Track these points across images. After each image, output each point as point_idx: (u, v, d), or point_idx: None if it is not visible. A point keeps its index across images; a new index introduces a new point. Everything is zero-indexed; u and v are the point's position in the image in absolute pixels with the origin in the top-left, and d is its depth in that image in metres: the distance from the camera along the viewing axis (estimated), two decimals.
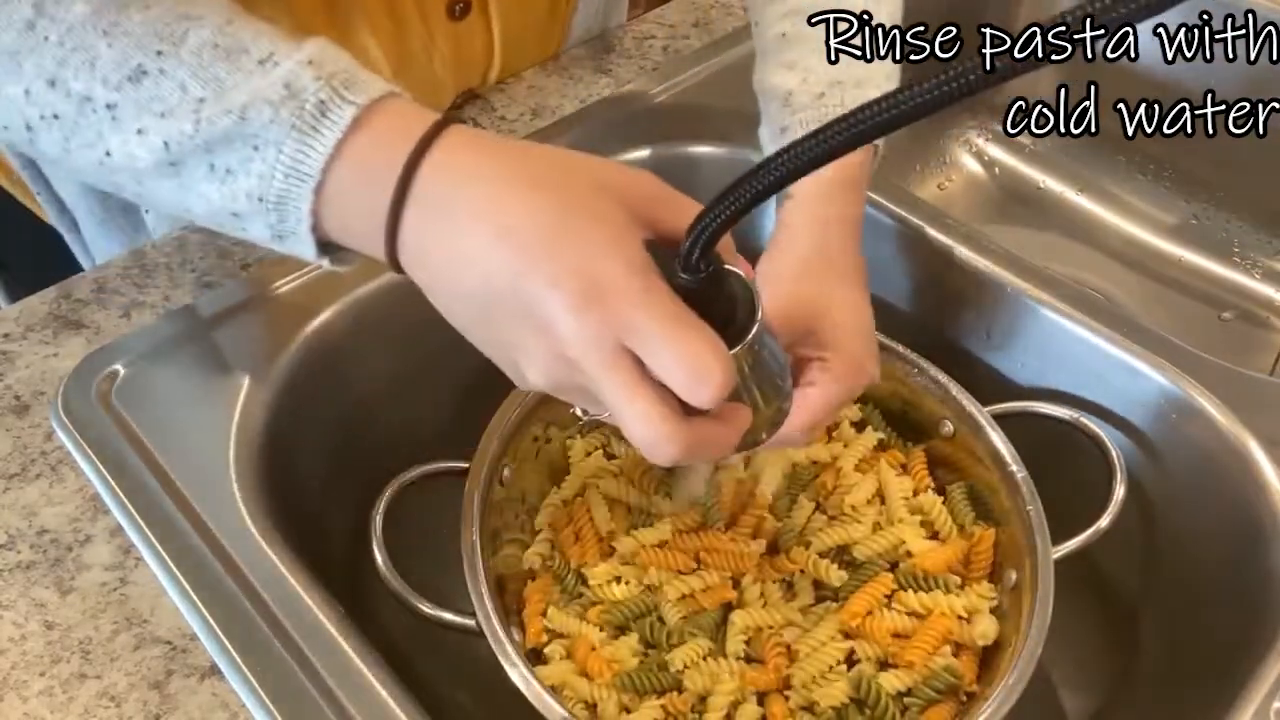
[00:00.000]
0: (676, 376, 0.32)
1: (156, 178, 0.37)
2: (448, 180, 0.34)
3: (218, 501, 0.50)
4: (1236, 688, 0.47)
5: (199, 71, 0.35)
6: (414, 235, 0.35)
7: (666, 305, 0.33)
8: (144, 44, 0.36)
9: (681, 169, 0.71)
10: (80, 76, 0.36)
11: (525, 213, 0.33)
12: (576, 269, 0.33)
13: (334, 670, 0.44)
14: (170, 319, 0.58)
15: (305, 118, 0.35)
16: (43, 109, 0.37)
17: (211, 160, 0.36)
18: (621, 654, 0.52)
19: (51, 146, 0.38)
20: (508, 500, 0.56)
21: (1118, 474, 0.54)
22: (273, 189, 0.35)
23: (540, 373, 0.34)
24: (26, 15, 0.36)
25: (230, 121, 0.35)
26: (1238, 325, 0.88)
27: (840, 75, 0.53)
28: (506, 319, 0.34)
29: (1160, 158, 0.93)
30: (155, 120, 0.36)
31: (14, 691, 0.45)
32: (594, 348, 0.33)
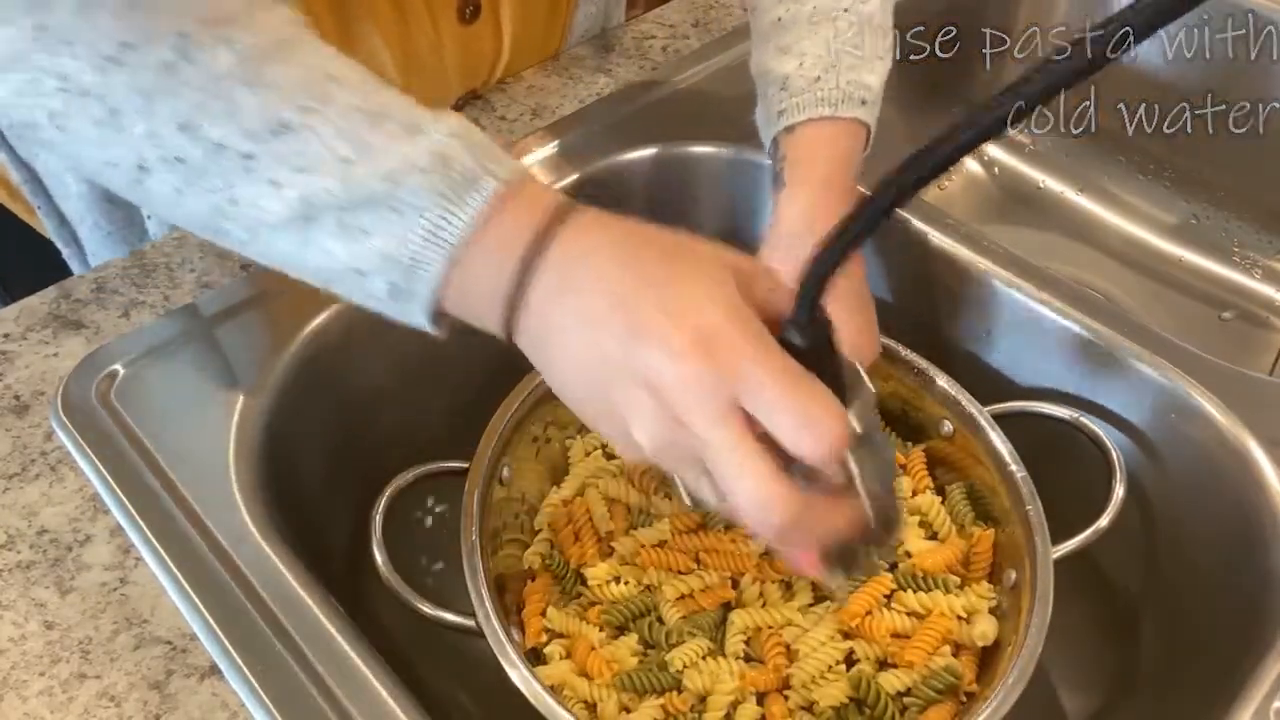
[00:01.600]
0: (790, 428, 0.33)
1: (278, 230, 0.37)
2: (572, 257, 0.36)
3: (218, 501, 0.50)
4: (1236, 688, 0.47)
5: (346, 132, 0.36)
6: (536, 306, 0.36)
7: (779, 358, 0.34)
8: (290, 99, 0.36)
9: (682, 169, 0.71)
10: (218, 124, 0.36)
11: (640, 281, 0.35)
12: (688, 323, 0.34)
13: (334, 670, 0.44)
14: (170, 319, 0.58)
15: (453, 186, 0.36)
16: (166, 151, 0.37)
17: (345, 219, 0.36)
18: (621, 654, 0.52)
19: (162, 188, 0.38)
20: (507, 500, 0.56)
21: (1117, 474, 0.54)
22: (407, 251, 0.36)
23: (649, 434, 0.35)
24: (167, 58, 0.36)
25: (379, 185, 0.36)
26: (1238, 325, 0.88)
27: (834, 59, 0.54)
28: (618, 382, 0.35)
29: (1160, 158, 0.93)
30: (294, 175, 0.36)
31: (14, 691, 0.45)
32: (706, 400, 0.33)
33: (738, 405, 0.33)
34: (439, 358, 0.64)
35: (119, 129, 0.36)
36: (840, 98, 0.53)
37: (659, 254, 0.36)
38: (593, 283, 0.35)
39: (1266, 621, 0.51)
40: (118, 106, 0.36)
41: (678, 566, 0.55)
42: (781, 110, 0.55)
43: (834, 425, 0.33)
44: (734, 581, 0.55)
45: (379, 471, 0.52)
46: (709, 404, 0.33)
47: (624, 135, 0.71)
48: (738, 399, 0.33)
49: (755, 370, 0.33)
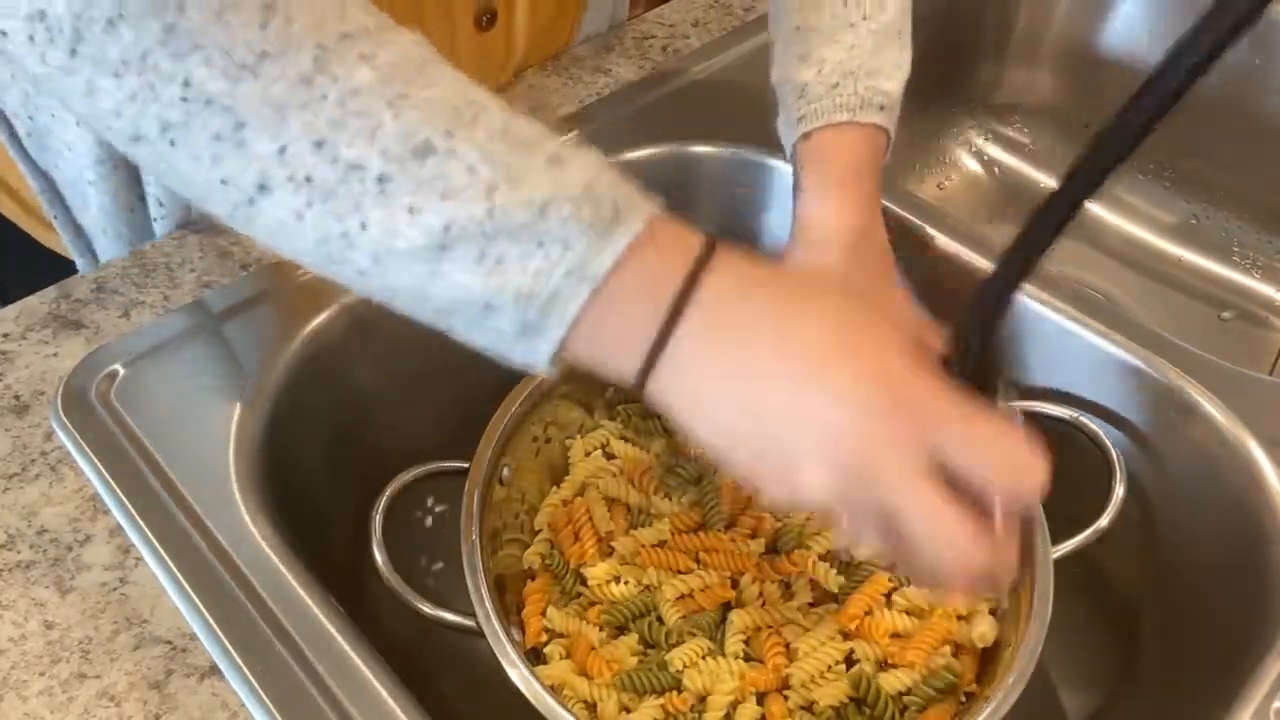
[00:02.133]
0: (999, 472, 0.32)
1: (407, 259, 0.34)
2: (726, 299, 0.35)
3: (218, 501, 0.50)
4: (1236, 687, 0.47)
5: (491, 157, 0.34)
6: (682, 349, 0.34)
7: (969, 402, 0.33)
8: (433, 120, 0.34)
9: (682, 168, 0.71)
10: (356, 143, 0.33)
11: (808, 328, 0.34)
12: (872, 371, 0.33)
13: (334, 670, 0.44)
14: (170, 319, 0.58)
15: (602, 218, 0.34)
16: (294, 170, 0.34)
17: (485, 249, 0.34)
18: (621, 653, 0.52)
19: (280, 211, 0.35)
20: (507, 500, 0.56)
21: (1117, 474, 0.54)
22: (548, 286, 0.34)
23: (827, 483, 0.33)
24: (305, 70, 0.33)
25: (528, 214, 0.33)
26: (1238, 325, 0.88)
27: (853, 65, 0.54)
28: (791, 429, 0.33)
29: (1160, 158, 0.93)
30: (435, 200, 0.33)
31: (14, 691, 0.45)
32: (899, 451, 0.32)
33: (931, 454, 0.33)
34: (439, 358, 0.64)
35: (240, 144, 0.34)
36: (858, 103, 0.54)
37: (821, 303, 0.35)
38: (754, 331, 0.34)
39: (1266, 621, 0.51)
40: (244, 119, 0.33)
41: (677, 566, 0.55)
42: (801, 117, 0.55)
43: (1039, 470, 0.33)
44: (734, 581, 0.55)
45: (379, 471, 0.52)
46: (903, 454, 0.32)
47: (624, 135, 0.71)
48: (932, 445, 0.33)
49: (950, 416, 0.33)
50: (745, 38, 0.80)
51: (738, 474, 0.36)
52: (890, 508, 0.33)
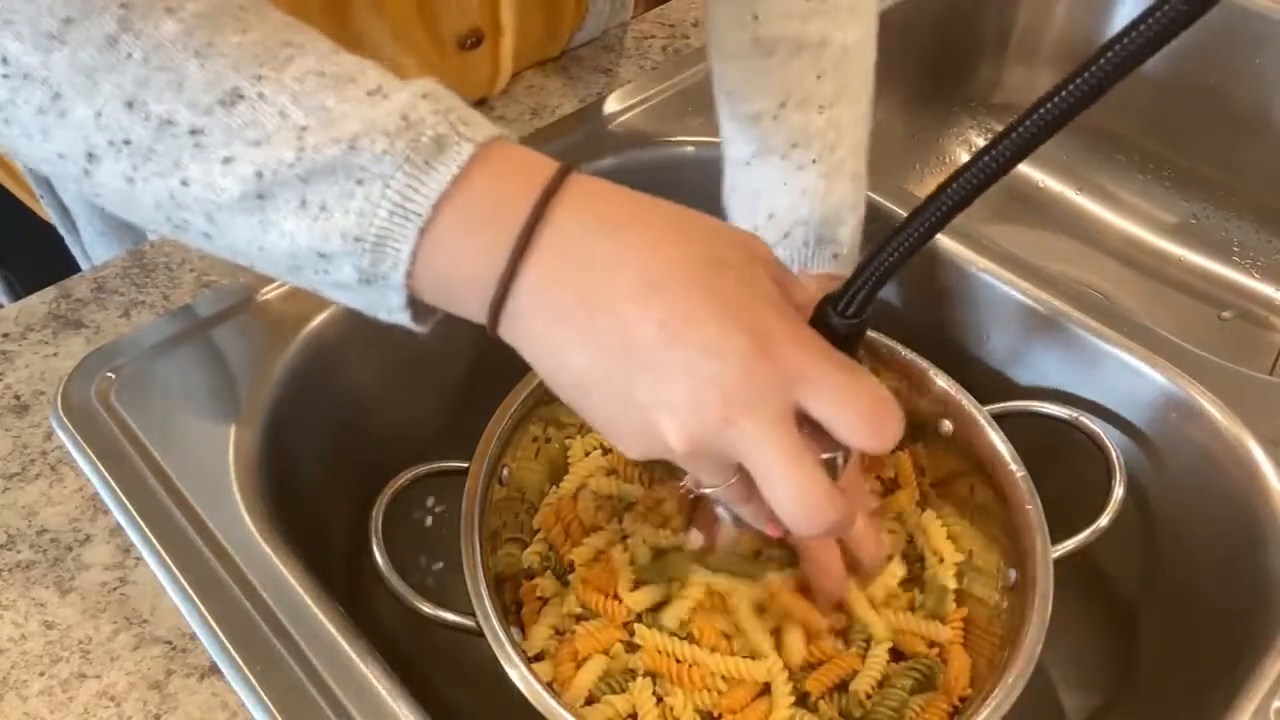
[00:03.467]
0: (854, 423, 0.32)
1: (234, 212, 0.33)
2: (583, 228, 0.32)
3: (218, 501, 0.50)
4: (1236, 687, 0.47)
5: (302, 99, 0.32)
6: (535, 284, 0.32)
7: (834, 355, 0.32)
8: (241, 67, 0.32)
9: (682, 168, 0.71)
10: (164, 98, 0.32)
11: (673, 263, 0.32)
12: (741, 321, 0.32)
13: (334, 670, 0.44)
14: (170, 319, 0.58)
15: (420, 151, 0.32)
16: (113, 134, 0.33)
17: (305, 194, 0.32)
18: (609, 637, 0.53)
19: (113, 178, 0.34)
20: (507, 500, 0.56)
21: (1117, 473, 0.54)
22: (373, 227, 0.32)
23: (684, 433, 0.32)
24: (109, 30, 0.32)
25: (338, 151, 0.32)
26: (1238, 325, 0.88)
27: (803, 213, 0.53)
28: (648, 375, 0.32)
29: (1160, 158, 0.93)
30: (247, 148, 0.32)
31: (14, 691, 0.45)
32: (763, 403, 0.31)
33: (794, 406, 0.32)
34: (439, 357, 0.64)
35: (61, 114, 0.33)
36: (809, 255, 0.53)
37: (684, 236, 0.33)
38: (610, 270, 0.32)
39: (1266, 621, 0.51)
40: (60, 89, 0.33)
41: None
42: None
43: (894, 420, 0.33)
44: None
45: (378, 471, 0.52)
46: (767, 405, 0.32)
47: (624, 135, 0.71)
48: (796, 399, 0.32)
49: (817, 370, 0.32)
50: None
51: (591, 422, 0.35)
52: (744, 456, 0.32)
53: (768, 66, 0.52)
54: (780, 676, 0.51)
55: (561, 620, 0.54)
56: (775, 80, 0.52)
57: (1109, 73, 0.29)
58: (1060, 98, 0.30)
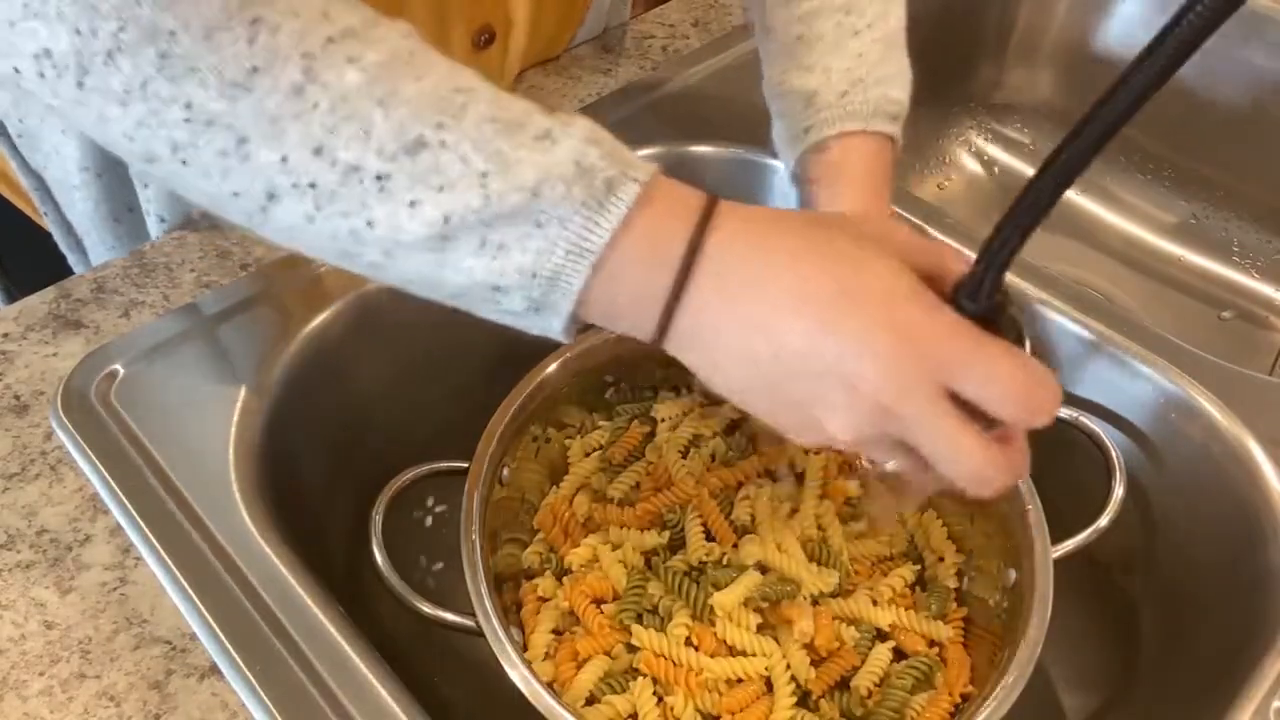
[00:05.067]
0: (1011, 402, 0.34)
1: (415, 250, 0.36)
2: (734, 253, 0.36)
3: (218, 501, 0.50)
4: (1236, 687, 0.47)
5: (481, 145, 0.35)
6: (696, 307, 0.36)
7: (977, 337, 0.34)
8: (422, 115, 0.35)
9: (682, 169, 0.71)
10: (351, 146, 0.34)
11: (814, 277, 0.35)
12: (880, 319, 0.34)
13: (334, 670, 0.44)
14: (170, 319, 0.58)
15: (595, 194, 0.35)
16: (298, 177, 0.35)
17: (486, 235, 0.35)
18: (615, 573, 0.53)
19: (291, 216, 0.36)
20: (507, 500, 0.56)
21: (1117, 473, 0.54)
22: (549, 264, 0.35)
23: (848, 426, 0.35)
24: (295, 80, 0.34)
25: (521, 198, 0.34)
26: (1238, 325, 0.88)
27: (860, 73, 0.53)
28: (805, 380, 0.35)
29: (1160, 157, 0.93)
30: (432, 193, 0.34)
31: (14, 691, 0.45)
32: (915, 391, 0.34)
33: (945, 389, 0.34)
34: (439, 357, 0.64)
35: (245, 158, 0.35)
36: (870, 111, 0.53)
37: (824, 248, 0.36)
38: (762, 281, 0.35)
39: (1266, 621, 0.51)
40: (245, 134, 0.35)
41: (639, 523, 0.56)
42: (809, 126, 0.54)
43: (1048, 393, 0.34)
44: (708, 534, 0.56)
45: (379, 471, 0.52)
46: (919, 394, 0.34)
47: (624, 135, 0.70)
48: (945, 383, 0.34)
49: (959, 353, 0.34)
50: (746, 38, 0.80)
51: (760, 418, 0.37)
52: (912, 440, 0.35)
53: None
54: (781, 674, 0.51)
55: (561, 620, 0.54)
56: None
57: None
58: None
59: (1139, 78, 0.30)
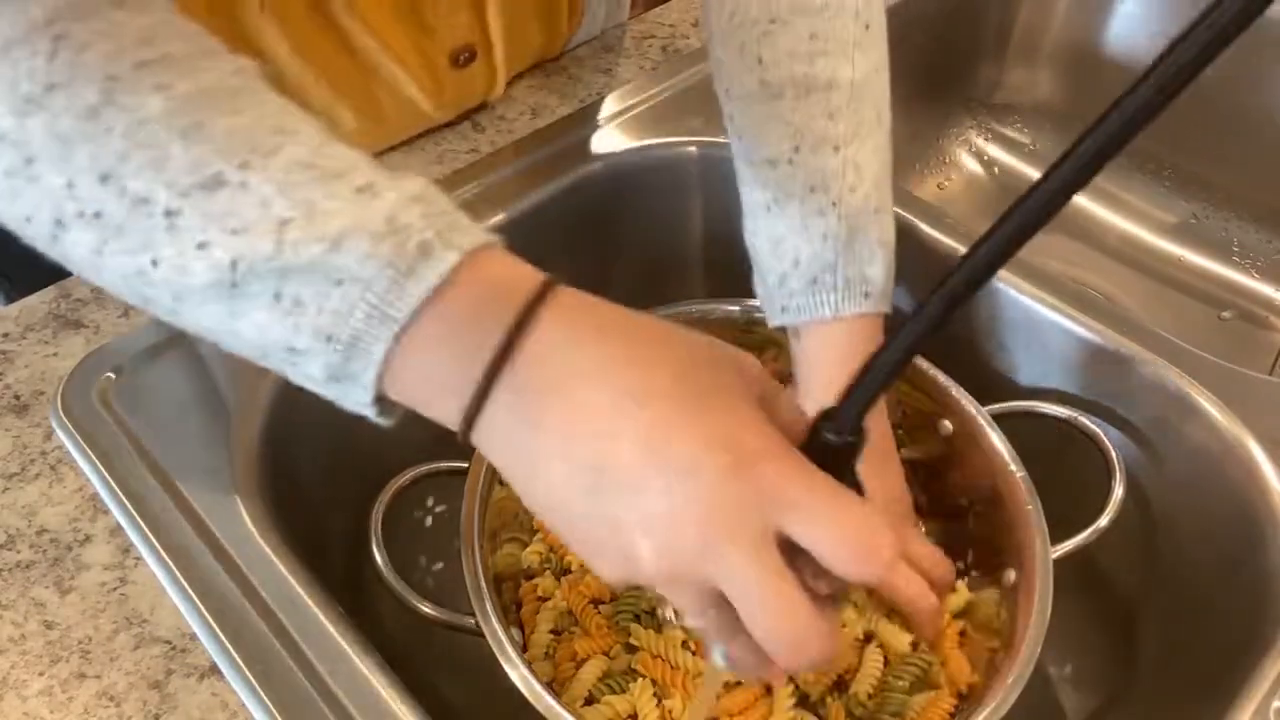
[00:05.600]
0: (844, 552, 0.30)
1: (203, 299, 0.33)
2: (564, 340, 0.31)
3: (217, 501, 0.50)
4: (1236, 687, 0.47)
5: (287, 190, 0.31)
6: (513, 395, 0.31)
7: (819, 478, 0.31)
8: (227, 151, 0.32)
9: (681, 169, 0.71)
10: (142, 175, 0.32)
11: (653, 375, 0.31)
12: (723, 437, 0.30)
13: (334, 670, 0.44)
14: None
15: (405, 257, 0.31)
16: (83, 205, 0.32)
17: (280, 288, 0.32)
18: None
19: (79, 248, 0.34)
20: (507, 500, 0.56)
21: (1116, 473, 0.54)
22: (347, 328, 0.31)
23: (659, 556, 0.30)
24: (91, 101, 0.32)
25: (319, 250, 0.31)
26: (1238, 325, 0.88)
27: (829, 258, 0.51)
28: (625, 492, 0.30)
29: (1160, 157, 0.93)
30: (224, 236, 0.31)
31: (14, 691, 0.45)
32: (743, 526, 0.30)
33: (776, 532, 0.30)
34: None
35: (32, 179, 0.33)
36: (840, 298, 0.51)
37: (667, 350, 0.32)
38: (591, 382, 0.31)
39: (1266, 621, 0.51)
40: (34, 154, 0.32)
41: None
42: (784, 307, 0.53)
43: (888, 548, 0.30)
44: None
45: (378, 471, 0.52)
46: (748, 527, 0.30)
47: (624, 135, 0.71)
48: (777, 522, 0.30)
49: (800, 495, 0.30)
50: None
51: (564, 540, 0.33)
52: (726, 587, 0.30)
53: (778, 110, 0.51)
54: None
55: (561, 620, 0.54)
56: (786, 124, 0.51)
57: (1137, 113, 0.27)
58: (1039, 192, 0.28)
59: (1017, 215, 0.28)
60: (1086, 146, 0.27)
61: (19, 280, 0.68)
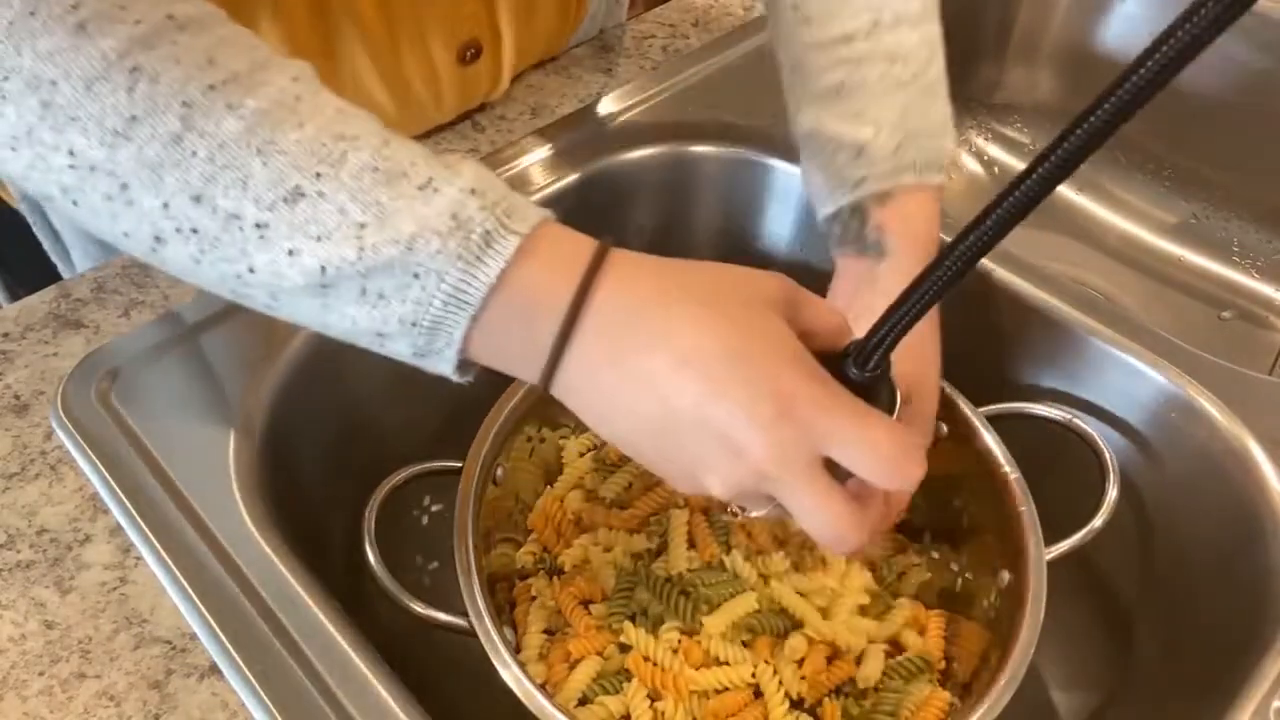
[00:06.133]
0: (879, 472, 0.35)
1: (298, 296, 0.36)
2: (619, 307, 0.36)
3: (217, 501, 0.50)
4: (1236, 687, 0.47)
5: (359, 195, 0.35)
6: (582, 360, 0.36)
7: (854, 406, 0.36)
8: (301, 164, 0.35)
9: (681, 169, 0.71)
10: (230, 194, 0.35)
11: (701, 337, 0.35)
12: (765, 389, 0.35)
13: (334, 670, 0.45)
14: (170, 318, 0.58)
15: (471, 248, 0.35)
16: (180, 223, 0.36)
17: (365, 285, 0.35)
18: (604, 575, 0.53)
19: (180, 258, 0.37)
20: (501, 500, 0.56)
21: (1110, 474, 0.54)
22: (429, 315, 0.36)
23: (726, 485, 0.36)
24: (174, 129, 0.35)
25: (396, 251, 0.35)
26: (1238, 325, 0.88)
27: (911, 126, 0.53)
28: (689, 438, 0.36)
29: (1160, 157, 0.93)
30: (310, 243, 0.35)
31: (14, 691, 0.45)
32: (792, 460, 0.35)
33: (820, 455, 0.35)
34: None
35: (129, 203, 0.36)
36: (923, 165, 0.53)
37: (712, 308, 0.36)
38: (649, 338, 0.35)
39: (1265, 621, 0.51)
40: (127, 181, 0.35)
41: (630, 525, 0.57)
42: (862, 178, 0.54)
43: (915, 465, 0.36)
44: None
45: (377, 470, 0.53)
46: (797, 462, 0.35)
47: (624, 135, 0.71)
48: (821, 450, 0.35)
49: (836, 424, 0.35)
50: (745, 38, 0.80)
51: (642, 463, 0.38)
52: (782, 499, 0.36)
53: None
54: (769, 682, 0.51)
55: (554, 621, 0.54)
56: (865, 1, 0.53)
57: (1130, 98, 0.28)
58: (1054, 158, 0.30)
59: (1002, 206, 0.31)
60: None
61: (20, 280, 0.69)
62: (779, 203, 0.71)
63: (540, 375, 0.37)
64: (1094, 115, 0.29)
